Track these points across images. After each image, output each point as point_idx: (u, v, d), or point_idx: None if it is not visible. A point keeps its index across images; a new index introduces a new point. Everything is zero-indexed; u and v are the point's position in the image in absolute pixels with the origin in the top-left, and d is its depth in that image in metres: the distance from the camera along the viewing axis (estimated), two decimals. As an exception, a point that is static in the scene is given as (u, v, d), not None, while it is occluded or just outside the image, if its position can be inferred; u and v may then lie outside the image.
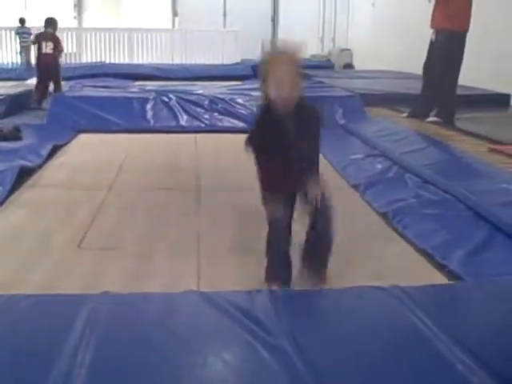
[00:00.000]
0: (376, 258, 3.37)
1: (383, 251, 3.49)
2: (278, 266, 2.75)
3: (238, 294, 2.45)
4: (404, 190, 4.51)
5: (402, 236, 3.70)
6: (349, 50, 17.07)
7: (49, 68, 8.95)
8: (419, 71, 7.89)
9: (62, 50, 9.32)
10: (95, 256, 3.34)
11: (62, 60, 9.98)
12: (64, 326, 2.08)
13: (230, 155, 6.07)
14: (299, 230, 2.83)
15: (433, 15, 7.26)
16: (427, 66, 7.47)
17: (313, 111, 2.71)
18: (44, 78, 8.97)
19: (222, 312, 2.27)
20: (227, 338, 2.15)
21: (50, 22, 9.28)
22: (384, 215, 4.08)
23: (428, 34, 7.41)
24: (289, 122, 2.56)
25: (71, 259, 3.27)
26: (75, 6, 18.27)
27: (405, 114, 7.82)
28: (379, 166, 5.26)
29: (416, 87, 8.26)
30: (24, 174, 4.83)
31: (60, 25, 9.64)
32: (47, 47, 9.07)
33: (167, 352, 2.00)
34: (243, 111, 7.70)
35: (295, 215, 2.79)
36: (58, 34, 9.34)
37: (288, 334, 2.10)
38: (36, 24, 16.48)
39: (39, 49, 9.09)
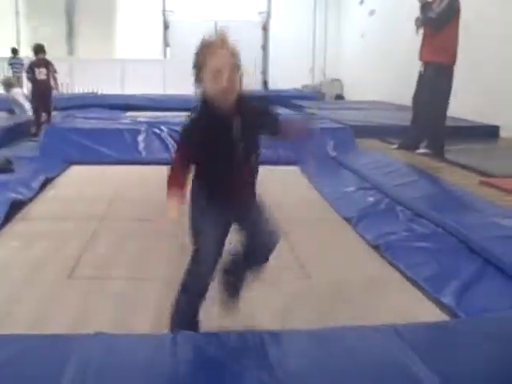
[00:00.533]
0: (370, 288, 3.38)
1: (377, 283, 3.50)
2: (190, 313, 2.48)
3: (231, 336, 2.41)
4: (396, 223, 4.53)
5: (394, 267, 3.72)
6: (339, 80, 17.24)
7: (44, 94, 9.03)
8: (409, 102, 7.98)
9: (55, 72, 9.40)
10: (85, 286, 3.34)
11: (59, 88, 10.00)
12: (53, 375, 2.04)
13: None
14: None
15: (421, 48, 7.38)
16: (416, 97, 7.56)
17: (258, 104, 2.47)
18: (40, 105, 9.06)
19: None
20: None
21: (40, 48, 9.40)
22: (376, 248, 4.10)
23: (417, 65, 7.52)
24: (232, 121, 2.29)
25: (61, 290, 3.27)
26: (68, 36, 18.39)
27: (395, 146, 7.88)
28: (371, 199, 5.28)
29: (406, 118, 8.34)
30: (15, 207, 4.81)
31: (52, 55, 9.71)
32: (40, 73, 9.16)
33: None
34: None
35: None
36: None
37: (283, 376, 2.09)
38: (29, 54, 16.69)
39: (33, 76, 9.15)
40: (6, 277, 3.47)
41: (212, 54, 2.25)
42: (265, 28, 18.66)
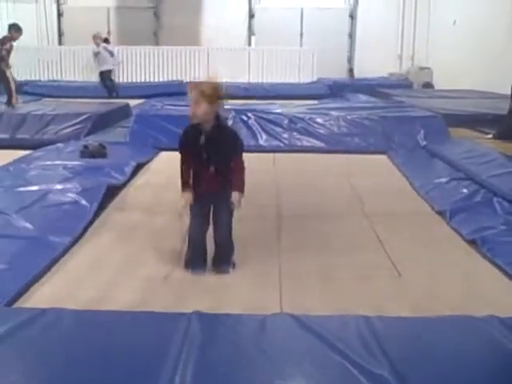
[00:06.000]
0: (467, 285, 3.25)
1: (474, 279, 3.36)
2: (194, 254, 3.49)
3: (331, 319, 2.40)
4: (493, 216, 4.34)
5: (492, 263, 3.55)
6: (428, 68, 16.74)
7: None
8: (503, 91, 7.66)
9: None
10: (181, 282, 3.35)
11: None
12: (160, 345, 2.08)
13: (310, 176, 6.06)
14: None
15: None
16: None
17: (230, 133, 3.51)
18: None
19: (316, 336, 2.23)
20: (322, 363, 2.10)
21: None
22: (472, 242, 3.93)
23: (512, 53, 7.19)
24: (205, 136, 3.32)
25: (158, 284, 3.30)
26: (154, 25, 18.76)
27: (490, 136, 7.57)
28: (465, 190, 5.07)
29: (500, 107, 8.01)
30: (110, 191, 4.93)
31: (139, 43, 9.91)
32: None
33: (264, 375, 1.98)
34: (322, 131, 7.65)
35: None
36: (138, 51, 9.62)
37: (388, 363, 2.03)
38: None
39: None
40: (104, 268, 3.52)
41: (189, 91, 3.33)
42: (352, 15, 18.36)
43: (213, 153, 3.34)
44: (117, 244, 3.99)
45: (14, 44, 9.78)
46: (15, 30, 9.57)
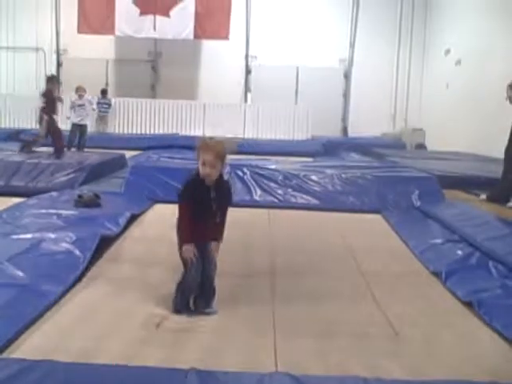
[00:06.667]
0: (465, 348, 3.20)
1: (472, 341, 3.32)
2: (185, 300, 3.63)
3: (330, 380, 2.35)
4: (489, 279, 4.32)
5: (489, 326, 3.51)
6: (421, 129, 17.00)
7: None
8: (495, 154, 7.77)
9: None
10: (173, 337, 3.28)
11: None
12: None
13: (305, 233, 6.04)
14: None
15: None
16: (509, 150, 7.31)
17: (227, 186, 3.79)
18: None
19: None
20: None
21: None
22: (468, 304, 3.90)
23: (505, 117, 7.30)
24: (211, 191, 3.57)
25: (149, 336, 3.24)
26: (152, 79, 19.02)
27: (483, 197, 7.62)
28: (460, 252, 5.06)
29: (493, 170, 8.09)
30: (103, 242, 4.89)
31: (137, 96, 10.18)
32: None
33: None
34: (317, 188, 7.67)
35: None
36: (135, 103, 9.91)
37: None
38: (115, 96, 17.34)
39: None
40: (95, 319, 3.47)
41: (203, 151, 3.51)
42: (346, 75, 18.72)
43: (219, 204, 3.61)
44: (109, 294, 3.93)
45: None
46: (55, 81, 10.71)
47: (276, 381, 2.38)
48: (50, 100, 10.15)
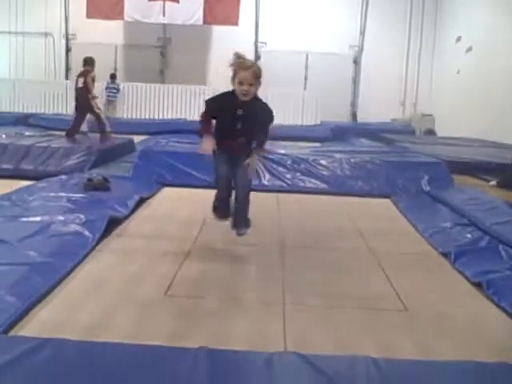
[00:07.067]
0: (474, 327, 3.20)
1: (480, 321, 3.32)
2: (220, 205, 4.12)
3: (340, 359, 2.35)
4: (498, 261, 4.30)
5: (498, 306, 3.51)
6: (431, 115, 16.90)
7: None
8: (505, 140, 7.70)
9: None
10: (181, 304, 3.33)
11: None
12: (166, 382, 2.02)
13: (314, 216, 6.04)
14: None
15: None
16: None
17: (264, 108, 3.98)
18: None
19: (325, 377, 2.18)
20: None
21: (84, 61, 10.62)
22: (477, 285, 3.89)
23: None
24: (237, 110, 3.81)
25: (157, 306, 3.28)
26: (160, 65, 18.99)
27: (493, 183, 7.58)
28: (469, 236, 5.04)
29: (502, 156, 8.05)
30: (112, 224, 4.91)
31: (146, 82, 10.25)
32: (78, 82, 10.48)
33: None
34: (325, 173, 7.66)
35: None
36: (143, 88, 9.99)
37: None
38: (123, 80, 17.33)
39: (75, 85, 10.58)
40: (105, 289, 3.52)
41: (241, 70, 3.75)
42: (356, 61, 18.63)
43: (247, 124, 3.85)
44: (117, 264, 4.02)
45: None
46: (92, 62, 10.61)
47: (285, 360, 2.38)
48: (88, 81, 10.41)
